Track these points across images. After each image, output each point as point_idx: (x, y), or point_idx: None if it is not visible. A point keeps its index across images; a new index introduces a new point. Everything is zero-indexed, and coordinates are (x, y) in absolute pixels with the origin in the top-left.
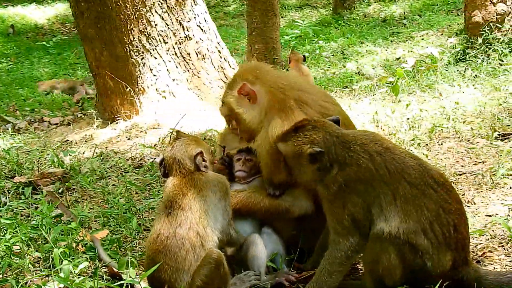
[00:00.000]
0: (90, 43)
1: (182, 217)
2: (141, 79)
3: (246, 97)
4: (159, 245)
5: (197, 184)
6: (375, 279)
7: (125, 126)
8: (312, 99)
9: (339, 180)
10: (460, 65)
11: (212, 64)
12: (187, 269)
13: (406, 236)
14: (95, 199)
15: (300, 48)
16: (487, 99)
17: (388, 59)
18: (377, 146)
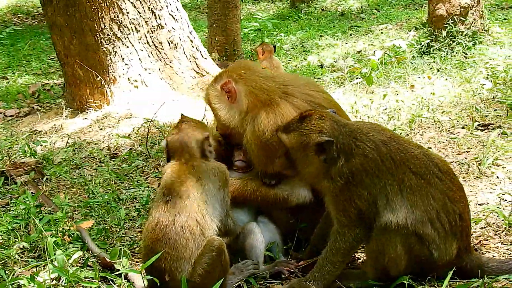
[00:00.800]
0: (59, 31)
1: (181, 205)
2: (113, 68)
3: (227, 94)
4: (158, 233)
5: (197, 172)
6: (379, 270)
7: (97, 116)
8: (298, 91)
9: (345, 172)
10: (425, 58)
11: (184, 53)
12: (187, 257)
13: (413, 226)
14: (72, 189)
15: (259, 41)
16: (461, 90)
17: (348, 52)
18: (381, 135)
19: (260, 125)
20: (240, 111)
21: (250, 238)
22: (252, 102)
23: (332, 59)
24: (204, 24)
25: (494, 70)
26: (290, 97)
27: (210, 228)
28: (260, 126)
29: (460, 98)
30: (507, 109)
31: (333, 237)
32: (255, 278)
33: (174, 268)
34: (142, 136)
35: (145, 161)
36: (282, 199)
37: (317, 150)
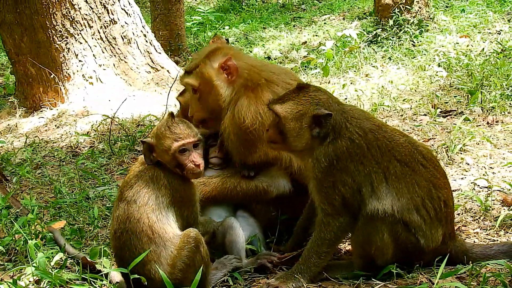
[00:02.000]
0: (9, 28)
1: (130, 210)
2: (66, 65)
3: (225, 72)
4: (117, 242)
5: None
6: (365, 259)
7: (52, 114)
8: (280, 79)
9: (330, 153)
10: (373, 47)
11: (138, 48)
12: (156, 259)
13: (400, 214)
14: (35, 190)
15: (202, 35)
16: (418, 78)
17: (294, 43)
18: (370, 123)
19: (240, 112)
20: (234, 87)
21: (229, 234)
22: (247, 78)
23: (279, 51)
24: (147, 19)
25: (446, 57)
26: (273, 84)
27: (169, 229)
28: (240, 113)
29: (418, 86)
30: (467, 95)
31: (317, 227)
32: (239, 273)
33: (147, 271)
34: (102, 133)
35: (108, 159)
36: (262, 191)
37: (312, 122)
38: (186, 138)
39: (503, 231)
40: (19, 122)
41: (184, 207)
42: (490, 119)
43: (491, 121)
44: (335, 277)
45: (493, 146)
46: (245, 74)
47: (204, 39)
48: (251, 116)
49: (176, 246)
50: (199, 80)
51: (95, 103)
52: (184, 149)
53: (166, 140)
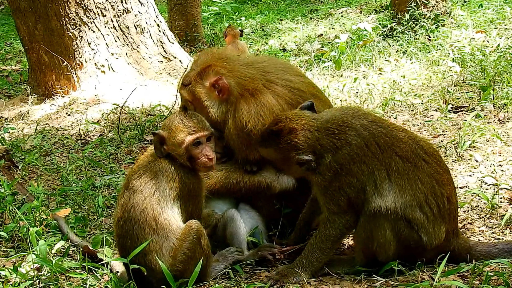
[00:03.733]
0: (23, 16)
1: (134, 200)
2: (79, 53)
3: (216, 90)
4: (119, 230)
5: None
6: (367, 255)
7: (64, 102)
8: (278, 77)
9: (334, 165)
10: (388, 41)
11: (151, 38)
12: (158, 250)
13: (402, 211)
14: (43, 177)
15: (218, 25)
16: (431, 73)
17: (310, 36)
18: (360, 120)
19: (241, 116)
20: (228, 103)
21: (230, 226)
22: (241, 91)
23: (294, 43)
24: (164, 9)
25: (461, 53)
26: (272, 84)
27: (171, 222)
28: (241, 117)
29: (431, 81)
30: (479, 91)
31: (322, 224)
32: (240, 265)
33: (148, 261)
34: (112, 122)
35: (117, 147)
36: (266, 187)
37: (299, 165)
38: (200, 131)
39: (508, 229)
40: (31, 109)
41: (190, 201)
42: (501, 116)
43: (502, 118)
44: (336, 272)
45: (503, 143)
46: (238, 89)
47: (220, 30)
48: (253, 119)
49: (178, 237)
50: (191, 96)
51: (106, 92)
52: (198, 142)
53: (179, 133)
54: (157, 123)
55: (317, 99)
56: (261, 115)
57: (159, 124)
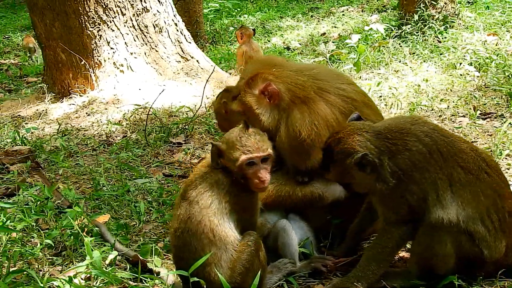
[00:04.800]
0: (40, 13)
1: (191, 210)
2: (97, 52)
3: (267, 96)
4: (176, 240)
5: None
6: (425, 268)
7: (82, 101)
8: (330, 85)
9: (396, 170)
10: (398, 42)
11: (169, 37)
12: (216, 262)
13: (465, 224)
14: (70, 179)
15: (218, 22)
16: (451, 77)
17: (313, 34)
18: (421, 127)
19: (295, 125)
20: (279, 110)
21: (282, 236)
22: (292, 98)
23: (298, 41)
24: None
25: (477, 56)
26: (324, 92)
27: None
28: (295, 126)
29: (453, 85)
30: (507, 97)
31: (379, 235)
32: (294, 277)
33: (206, 273)
34: (133, 122)
35: (143, 150)
36: (318, 198)
37: (360, 169)
38: (255, 152)
39: None
40: (49, 108)
41: (245, 215)
42: None
43: None
44: (393, 286)
45: None
46: (289, 94)
47: (220, 27)
48: (307, 128)
49: (236, 249)
50: (242, 106)
51: (125, 92)
52: (252, 162)
53: (235, 151)
54: (183, 126)
55: (369, 109)
56: (315, 124)
57: (185, 126)
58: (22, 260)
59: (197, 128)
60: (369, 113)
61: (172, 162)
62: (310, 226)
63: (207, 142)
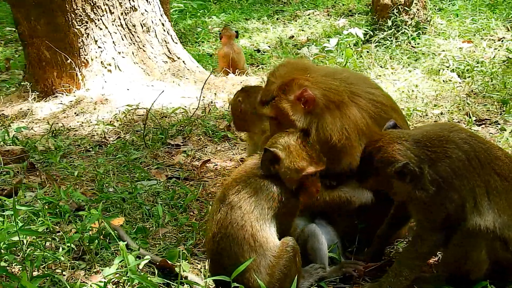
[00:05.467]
0: (24, 9)
1: (233, 216)
2: (84, 50)
3: (302, 102)
4: (215, 245)
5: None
6: (457, 274)
7: (69, 100)
8: (361, 89)
9: (436, 178)
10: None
11: (156, 37)
12: (256, 267)
13: (500, 231)
14: (68, 180)
15: (182, 23)
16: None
17: (281, 37)
18: (459, 134)
19: (326, 129)
20: (312, 115)
21: (312, 241)
22: (325, 104)
23: (266, 43)
24: None
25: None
26: (356, 97)
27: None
28: (326, 130)
29: (442, 91)
30: (497, 104)
31: (413, 241)
32: (324, 282)
33: (246, 279)
34: (125, 123)
35: (139, 151)
36: (346, 202)
37: (400, 178)
38: (320, 166)
39: None
40: (33, 107)
41: (286, 219)
42: None
43: None
44: None
45: None
46: (323, 100)
47: (183, 27)
48: (338, 133)
49: (274, 255)
50: (275, 112)
51: (114, 92)
52: (315, 174)
53: (301, 161)
54: (180, 127)
55: (396, 113)
56: (345, 129)
57: (183, 128)
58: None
59: (194, 130)
60: (397, 117)
61: (173, 164)
62: (337, 231)
63: (206, 144)
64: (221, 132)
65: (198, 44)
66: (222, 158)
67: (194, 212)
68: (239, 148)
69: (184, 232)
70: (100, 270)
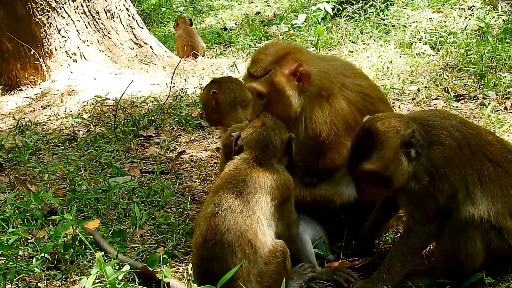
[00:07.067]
0: None
1: (232, 221)
2: (48, 40)
3: (296, 78)
4: (206, 252)
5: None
6: (452, 266)
7: (35, 93)
8: (351, 81)
9: (429, 167)
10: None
11: (121, 23)
12: (246, 276)
13: (495, 220)
14: (38, 180)
15: (145, 3)
16: (412, 57)
17: (247, 14)
18: (449, 121)
19: (316, 124)
20: (306, 95)
21: (295, 241)
22: (319, 85)
23: (233, 21)
24: None
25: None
26: (345, 90)
27: (264, 246)
28: (316, 125)
29: (417, 66)
30: (475, 78)
31: (404, 234)
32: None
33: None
34: (95, 115)
35: (110, 144)
36: (327, 201)
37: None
38: None
39: None
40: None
41: (287, 204)
42: (508, 104)
43: (509, 106)
44: (417, 285)
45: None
46: (317, 81)
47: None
48: (327, 128)
49: (265, 262)
50: (268, 87)
51: (81, 82)
52: None
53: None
54: (152, 118)
55: (384, 105)
56: (335, 124)
57: (155, 118)
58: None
59: (167, 119)
60: (384, 109)
61: (147, 157)
62: (322, 225)
63: (179, 134)
64: (194, 120)
65: (163, 24)
66: (197, 148)
67: (171, 209)
68: (214, 137)
69: (163, 232)
70: (77, 280)
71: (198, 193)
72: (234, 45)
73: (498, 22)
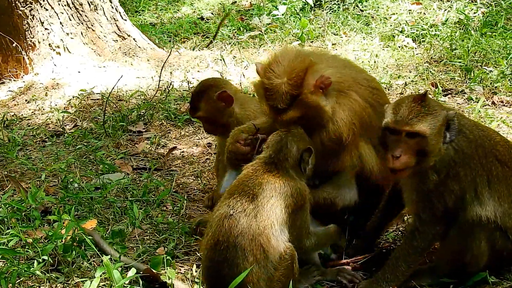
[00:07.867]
0: None
1: (245, 224)
2: (31, 33)
3: (320, 88)
4: (216, 254)
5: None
6: (456, 266)
7: (18, 87)
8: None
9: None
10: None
11: (104, 15)
12: (255, 281)
13: (501, 220)
14: (27, 177)
15: None
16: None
17: (223, 3)
18: (466, 119)
19: (338, 125)
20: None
21: None
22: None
23: (209, 10)
24: None
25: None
26: (357, 84)
27: (276, 252)
28: (338, 126)
29: (403, 60)
30: (463, 72)
31: (410, 235)
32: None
33: None
34: (81, 109)
35: (99, 140)
36: (329, 204)
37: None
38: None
39: None
40: None
41: (300, 213)
42: (496, 99)
43: (497, 101)
44: (421, 285)
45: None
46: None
47: None
48: (347, 129)
49: (274, 266)
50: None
51: (65, 75)
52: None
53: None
54: (141, 113)
55: (386, 97)
56: (354, 124)
57: (144, 113)
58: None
59: (155, 114)
60: (386, 100)
61: (137, 153)
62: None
63: (169, 129)
64: (183, 115)
65: (139, 13)
66: (188, 144)
67: (167, 207)
68: (204, 133)
69: (161, 231)
70: (80, 283)
71: (192, 190)
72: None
73: (477, 15)
